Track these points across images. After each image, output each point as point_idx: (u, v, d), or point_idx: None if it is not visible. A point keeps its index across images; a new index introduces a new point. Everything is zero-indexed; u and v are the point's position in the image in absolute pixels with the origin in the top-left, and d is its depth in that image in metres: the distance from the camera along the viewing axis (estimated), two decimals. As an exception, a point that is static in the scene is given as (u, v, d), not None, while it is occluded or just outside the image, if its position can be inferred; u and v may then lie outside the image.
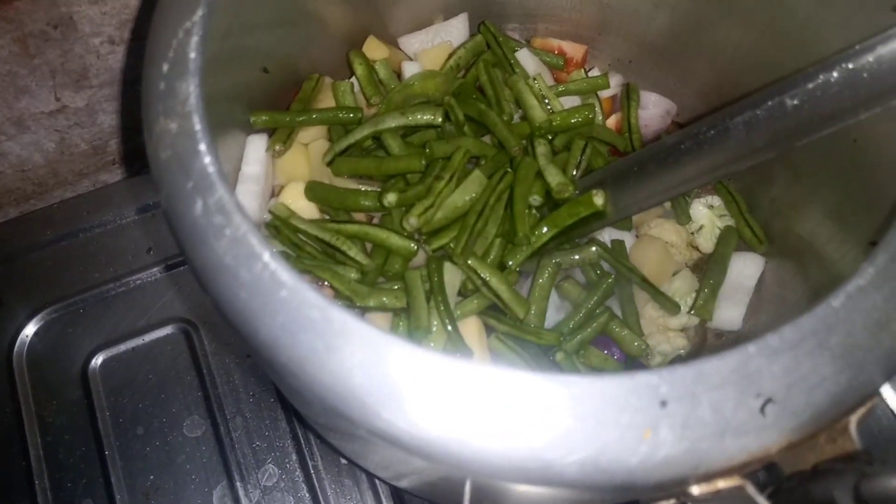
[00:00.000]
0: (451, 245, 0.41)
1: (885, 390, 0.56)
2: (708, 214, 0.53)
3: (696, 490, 0.26)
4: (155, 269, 0.61)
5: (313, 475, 0.53)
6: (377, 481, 0.53)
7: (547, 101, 0.50)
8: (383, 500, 0.52)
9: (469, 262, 0.40)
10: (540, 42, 0.57)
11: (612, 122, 0.55)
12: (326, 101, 0.50)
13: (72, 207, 0.63)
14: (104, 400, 0.56)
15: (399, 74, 0.52)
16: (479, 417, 0.25)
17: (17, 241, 0.61)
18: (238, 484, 0.53)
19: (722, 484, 0.26)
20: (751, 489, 0.26)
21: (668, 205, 0.53)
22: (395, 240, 0.41)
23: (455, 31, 0.54)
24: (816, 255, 0.46)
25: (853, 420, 0.27)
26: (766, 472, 0.29)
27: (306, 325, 0.26)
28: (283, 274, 0.26)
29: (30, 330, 0.58)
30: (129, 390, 0.56)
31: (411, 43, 0.54)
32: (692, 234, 0.53)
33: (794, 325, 0.26)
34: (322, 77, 0.50)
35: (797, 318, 0.26)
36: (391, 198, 0.40)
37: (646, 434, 0.25)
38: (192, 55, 0.30)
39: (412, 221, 0.40)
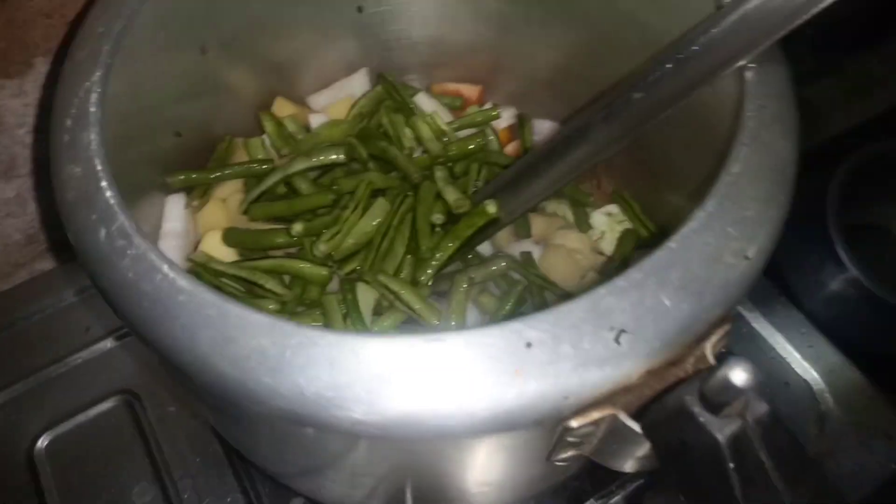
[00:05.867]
0: (361, 266, 0.45)
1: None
2: (607, 221, 0.58)
3: (574, 423, 0.29)
4: (93, 347, 0.62)
5: (266, 523, 0.54)
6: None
7: (445, 137, 0.55)
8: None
9: (379, 278, 0.44)
10: (438, 87, 0.62)
11: (511, 148, 0.60)
12: (241, 159, 0.53)
13: (8, 298, 0.65)
14: (52, 479, 0.56)
15: (307, 129, 0.56)
16: (362, 383, 0.28)
17: (-45, 336, 0.63)
18: (191, 545, 0.54)
19: (596, 414, 0.29)
20: (622, 416, 0.29)
21: (570, 217, 0.58)
22: (307, 268, 0.44)
23: (357, 84, 0.59)
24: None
25: (708, 347, 0.30)
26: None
27: (205, 322, 0.28)
28: (181, 281, 0.29)
29: (-27, 421, 0.59)
30: (77, 466, 0.57)
31: (318, 100, 0.59)
32: (596, 240, 0.57)
33: (638, 266, 0.30)
34: (234, 139, 0.54)
35: (641, 261, 0.30)
36: (298, 227, 0.44)
37: (517, 373, 0.28)
38: (93, 109, 0.34)
39: (321, 247, 0.44)
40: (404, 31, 0.59)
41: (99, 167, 0.32)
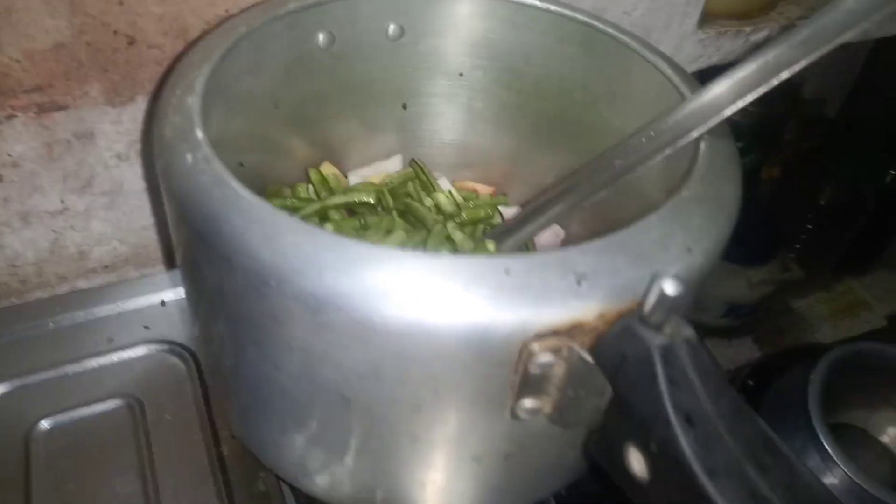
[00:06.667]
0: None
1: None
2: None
3: (537, 346, 0.35)
4: (112, 356, 0.68)
5: (235, 530, 0.56)
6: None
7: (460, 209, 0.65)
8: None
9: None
10: (458, 184, 0.73)
11: (513, 238, 0.69)
12: (285, 199, 0.63)
13: (46, 305, 0.71)
14: (42, 459, 0.59)
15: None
16: (372, 282, 0.35)
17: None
18: (160, 536, 0.55)
19: (556, 342, 0.35)
20: (576, 346, 0.35)
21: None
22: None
23: (392, 165, 0.70)
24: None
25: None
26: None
27: (256, 221, 0.36)
28: (244, 193, 0.37)
29: (-14, 399, 0.63)
30: (68, 452, 0.60)
31: (356, 176, 0.70)
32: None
33: (601, 239, 0.37)
34: (282, 186, 0.64)
35: (602, 238, 0.38)
36: (329, 226, 0.52)
37: (495, 290, 0.34)
38: (198, 87, 0.44)
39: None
40: (437, 132, 0.71)
41: (195, 117, 0.42)
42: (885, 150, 1.36)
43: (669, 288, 0.31)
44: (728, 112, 0.44)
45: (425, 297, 0.34)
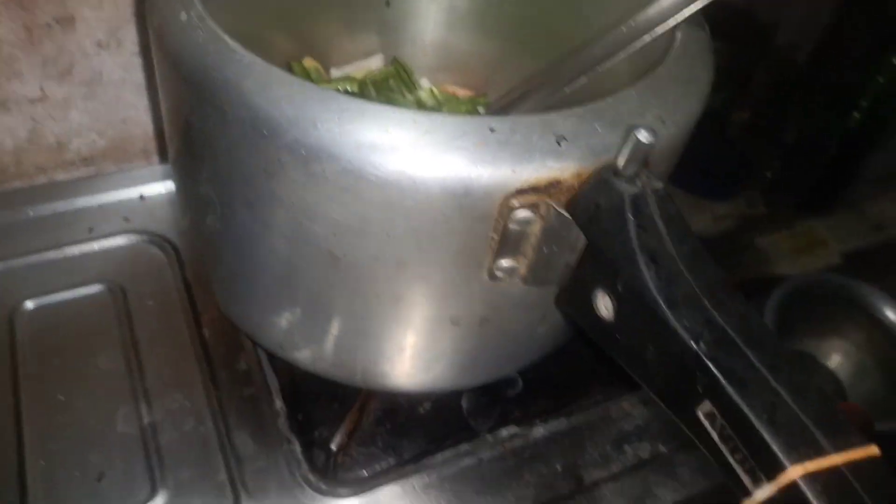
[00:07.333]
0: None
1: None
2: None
3: (516, 202, 0.37)
4: (92, 244, 0.69)
5: (216, 401, 0.58)
6: (276, 406, 0.58)
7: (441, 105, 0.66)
8: (280, 419, 0.57)
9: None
10: (438, 87, 0.74)
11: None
12: (268, 90, 0.64)
13: (25, 194, 0.72)
14: (27, 336, 0.61)
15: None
16: (363, 134, 0.36)
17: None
18: (143, 406, 0.57)
19: (535, 198, 0.37)
20: (553, 203, 0.37)
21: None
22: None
23: (372, 64, 0.71)
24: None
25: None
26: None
27: (252, 73, 0.37)
28: (237, 47, 0.39)
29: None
30: (52, 331, 0.62)
31: (338, 72, 0.70)
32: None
33: (580, 107, 0.39)
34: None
35: (583, 105, 0.40)
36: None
37: (479, 144, 0.36)
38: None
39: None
40: (419, 32, 0.72)
41: (187, -20, 0.42)
42: (850, 93, 1.40)
43: (643, 136, 0.34)
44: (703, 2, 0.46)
45: (413, 150, 0.36)
